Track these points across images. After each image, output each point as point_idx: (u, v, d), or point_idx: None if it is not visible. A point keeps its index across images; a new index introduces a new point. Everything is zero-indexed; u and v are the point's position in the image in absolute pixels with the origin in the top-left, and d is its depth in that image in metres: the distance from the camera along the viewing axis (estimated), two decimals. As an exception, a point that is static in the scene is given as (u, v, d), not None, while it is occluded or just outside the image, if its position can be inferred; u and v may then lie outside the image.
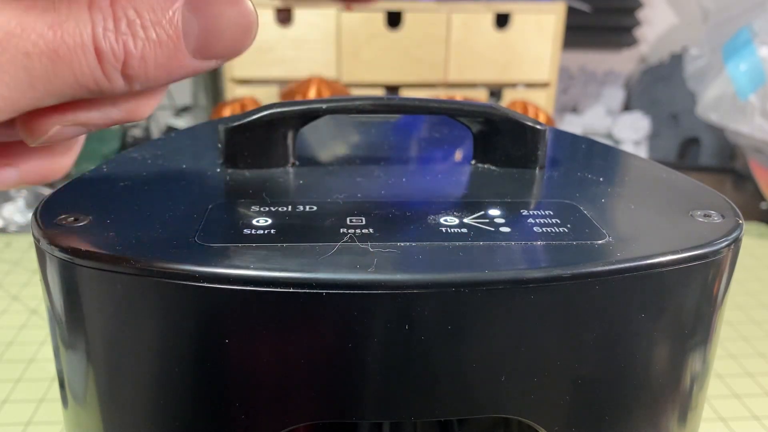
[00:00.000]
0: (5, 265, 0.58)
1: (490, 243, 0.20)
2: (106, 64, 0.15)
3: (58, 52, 0.15)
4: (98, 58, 0.15)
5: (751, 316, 0.52)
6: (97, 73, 0.15)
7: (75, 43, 0.15)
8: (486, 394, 0.19)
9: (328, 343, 0.18)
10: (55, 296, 0.20)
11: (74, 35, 0.15)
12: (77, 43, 0.15)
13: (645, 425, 0.21)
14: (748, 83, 0.71)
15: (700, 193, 0.25)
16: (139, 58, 0.16)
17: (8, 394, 0.41)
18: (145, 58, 0.16)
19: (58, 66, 0.15)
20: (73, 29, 0.15)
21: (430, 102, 0.27)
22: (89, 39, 0.15)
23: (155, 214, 0.21)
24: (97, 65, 0.15)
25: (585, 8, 1.01)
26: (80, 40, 0.15)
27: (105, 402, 0.20)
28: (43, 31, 0.15)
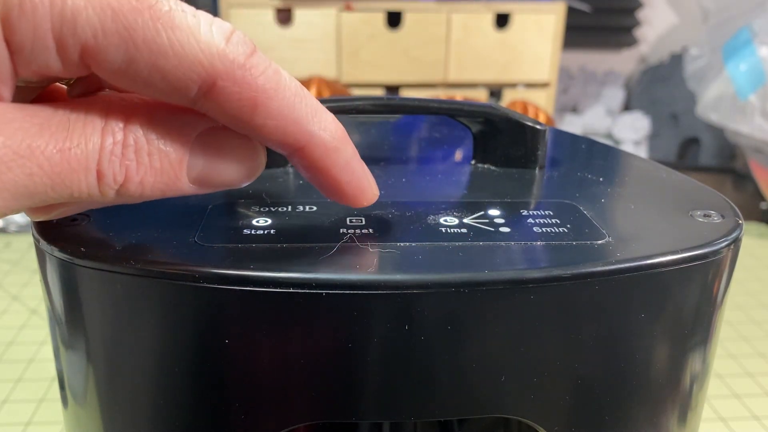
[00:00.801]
0: (5, 265, 0.58)
1: (489, 243, 0.20)
2: (104, 187, 0.15)
3: (60, 174, 0.15)
4: (98, 180, 0.15)
5: (751, 316, 0.52)
6: (93, 192, 0.15)
7: (80, 166, 0.15)
8: (486, 394, 0.19)
9: (328, 344, 0.18)
10: (55, 296, 0.20)
11: (80, 159, 0.15)
12: (81, 166, 0.15)
13: (645, 425, 0.21)
14: (748, 83, 0.71)
15: (700, 193, 0.25)
16: (137, 183, 0.16)
17: (8, 394, 0.41)
18: (143, 183, 0.16)
19: (58, 184, 0.15)
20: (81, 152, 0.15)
21: (430, 102, 0.27)
22: (94, 162, 0.15)
23: (155, 214, 0.21)
24: (95, 185, 0.15)
25: (585, 8, 1.01)
26: (85, 163, 0.15)
27: (105, 402, 0.20)
28: (51, 155, 0.15)
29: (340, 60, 0.86)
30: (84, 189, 0.15)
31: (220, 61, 0.15)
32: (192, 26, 0.15)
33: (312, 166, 0.18)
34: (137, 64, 0.15)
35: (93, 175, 0.15)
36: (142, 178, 0.16)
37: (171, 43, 0.15)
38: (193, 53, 0.15)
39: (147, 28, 0.14)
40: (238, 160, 0.17)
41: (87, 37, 0.14)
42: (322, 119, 0.17)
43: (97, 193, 0.16)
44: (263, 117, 0.16)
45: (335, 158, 0.18)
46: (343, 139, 0.18)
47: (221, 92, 0.15)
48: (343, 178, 0.18)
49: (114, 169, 0.15)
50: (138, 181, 0.16)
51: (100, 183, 0.15)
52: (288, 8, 0.84)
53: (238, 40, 0.15)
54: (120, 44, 0.14)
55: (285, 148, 0.17)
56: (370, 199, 0.19)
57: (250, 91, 0.16)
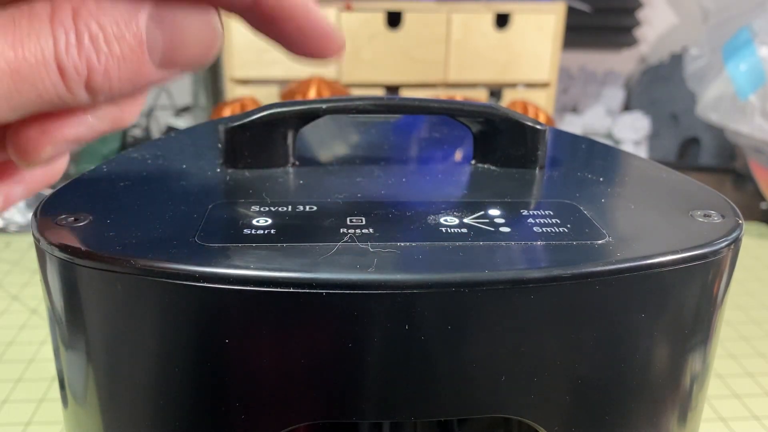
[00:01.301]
0: (5, 265, 0.58)
1: (490, 243, 0.20)
2: (69, 81, 0.15)
3: (20, 71, 0.15)
4: (61, 75, 0.15)
5: (751, 316, 0.52)
6: (60, 89, 0.15)
7: (37, 61, 0.15)
8: (486, 394, 0.19)
9: (328, 343, 0.18)
10: (55, 296, 0.20)
11: (36, 53, 0.15)
12: (39, 61, 0.15)
13: (645, 425, 0.21)
14: (748, 83, 0.71)
15: (700, 193, 0.25)
16: (102, 73, 0.16)
17: (8, 394, 0.41)
18: (108, 72, 0.16)
19: (21, 84, 0.15)
20: (35, 47, 0.15)
21: (430, 102, 0.27)
22: (51, 56, 0.15)
23: (155, 214, 0.21)
24: (60, 81, 0.15)
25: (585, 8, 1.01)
26: (42, 57, 0.15)
27: (105, 402, 0.20)
28: (4, 51, 0.14)
29: (340, 60, 0.86)
30: (50, 87, 0.15)
31: None
32: None
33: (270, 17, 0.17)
34: None
35: (54, 70, 0.15)
36: (105, 67, 0.16)
37: None
38: None
39: None
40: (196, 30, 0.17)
41: None
42: None
43: (64, 90, 0.15)
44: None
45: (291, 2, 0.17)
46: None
47: None
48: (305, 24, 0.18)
49: (73, 59, 0.15)
50: (102, 70, 0.16)
51: (64, 78, 0.15)
52: (288, 8, 0.84)
53: None
54: None
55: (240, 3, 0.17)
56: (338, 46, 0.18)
57: None
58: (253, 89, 0.85)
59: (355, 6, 0.84)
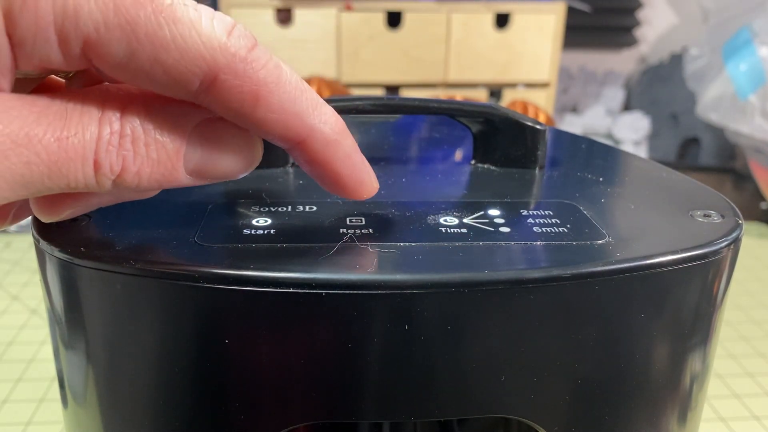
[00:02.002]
0: (5, 265, 0.58)
1: (489, 243, 0.20)
2: (100, 176, 0.15)
3: (58, 163, 0.15)
4: (95, 169, 0.15)
5: (751, 316, 0.52)
6: (90, 181, 0.15)
7: (77, 155, 0.15)
8: (486, 394, 0.19)
9: (328, 344, 0.18)
10: (55, 296, 0.20)
11: (77, 148, 0.15)
12: (78, 156, 0.15)
13: (645, 425, 0.21)
14: (748, 83, 0.71)
15: (700, 193, 0.25)
16: (134, 173, 0.16)
17: (8, 394, 0.41)
18: (140, 173, 0.16)
19: (54, 173, 0.15)
20: (79, 142, 0.15)
21: (430, 102, 0.27)
22: (91, 152, 0.15)
23: (155, 214, 0.21)
24: (92, 175, 0.15)
25: (585, 8, 1.01)
26: (82, 152, 0.15)
27: (105, 402, 0.20)
28: (48, 143, 0.14)
29: (340, 60, 0.86)
30: (81, 179, 0.15)
31: (222, 55, 0.15)
32: (194, 20, 0.15)
33: (312, 160, 0.18)
34: (139, 57, 0.15)
35: (90, 164, 0.15)
36: (139, 169, 0.16)
37: (173, 37, 0.15)
38: (195, 47, 0.15)
39: (149, 22, 0.14)
40: (236, 152, 0.17)
41: (89, 31, 0.14)
42: (323, 112, 0.17)
43: (94, 183, 0.15)
44: (264, 111, 0.16)
45: (335, 151, 0.18)
46: (343, 132, 0.18)
47: (223, 86, 0.15)
48: (343, 171, 0.18)
49: (111, 159, 0.15)
50: (135, 171, 0.16)
51: (96, 173, 0.15)
52: (288, 8, 0.84)
53: (240, 34, 0.15)
54: (122, 38, 0.14)
55: (286, 141, 0.17)
56: (370, 191, 0.19)
57: (251, 85, 0.16)
58: (253, 89, 0.85)
59: (355, 6, 0.84)
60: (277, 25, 0.84)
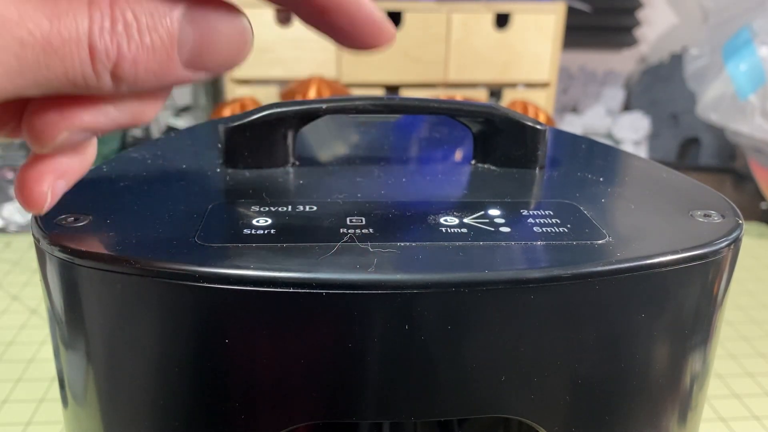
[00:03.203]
0: (5, 265, 0.58)
1: (490, 243, 0.20)
2: (97, 63, 0.15)
3: (52, 43, 0.15)
4: (91, 56, 0.15)
5: (751, 316, 0.52)
6: (87, 70, 0.15)
7: (70, 37, 0.15)
8: (486, 394, 0.19)
9: (328, 343, 0.18)
10: (55, 296, 0.20)
11: (70, 29, 0.15)
12: (72, 38, 0.15)
13: (645, 425, 0.21)
14: (748, 83, 0.71)
15: (700, 193, 0.25)
16: (130, 61, 0.16)
17: (8, 394, 0.41)
18: (136, 61, 0.16)
19: (50, 57, 0.15)
20: (71, 23, 0.15)
21: (430, 102, 0.27)
22: (85, 35, 0.15)
23: (155, 214, 0.21)
24: (88, 62, 0.15)
25: (585, 8, 1.01)
26: (76, 34, 0.15)
27: (105, 402, 0.20)
28: (40, 21, 0.14)
29: (340, 60, 0.86)
30: (77, 66, 0.15)
31: None
32: None
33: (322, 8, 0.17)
34: None
35: (85, 49, 0.15)
36: (134, 56, 0.16)
37: None
38: None
39: None
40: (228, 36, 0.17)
41: None
42: None
43: (91, 73, 0.15)
44: None
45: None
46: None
47: None
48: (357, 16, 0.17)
49: (105, 43, 0.15)
50: (131, 58, 0.16)
51: (93, 60, 0.15)
52: (288, 8, 0.84)
53: None
54: None
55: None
56: (389, 36, 0.18)
57: None
58: (253, 89, 0.85)
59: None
60: (277, 25, 0.84)
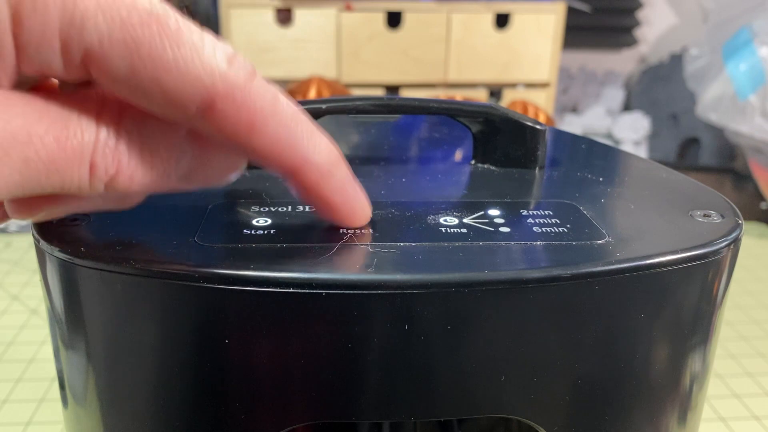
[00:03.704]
0: (5, 265, 0.58)
1: (489, 243, 0.20)
2: (95, 177, 0.16)
3: (56, 162, 0.15)
4: (90, 171, 0.15)
5: (751, 316, 0.52)
6: (83, 183, 0.15)
7: (75, 155, 0.15)
8: (486, 394, 0.19)
9: (328, 343, 0.18)
10: (55, 296, 0.20)
11: (75, 147, 0.15)
12: (76, 155, 0.15)
13: (645, 425, 0.21)
14: (748, 83, 0.71)
15: (700, 193, 0.25)
16: (127, 177, 0.16)
17: (8, 394, 0.41)
18: (133, 177, 0.16)
19: (51, 173, 0.15)
20: (77, 143, 0.15)
21: (430, 102, 0.27)
22: (89, 153, 0.15)
23: (155, 214, 0.21)
24: (87, 176, 0.15)
25: (585, 8, 1.01)
26: (80, 153, 0.15)
27: (105, 402, 0.20)
28: (48, 142, 0.15)
29: (340, 60, 0.86)
30: (75, 180, 0.15)
31: (221, 82, 0.15)
32: (197, 45, 0.15)
33: (306, 189, 0.18)
34: (139, 75, 0.15)
35: (86, 166, 0.15)
36: (132, 172, 0.16)
37: (175, 59, 0.15)
38: (195, 71, 0.15)
39: (153, 42, 0.15)
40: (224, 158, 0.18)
41: (92, 42, 0.14)
42: (317, 143, 0.18)
43: (87, 185, 0.16)
44: (259, 139, 0.16)
45: (328, 182, 0.18)
46: (336, 162, 0.18)
47: (219, 112, 0.16)
48: (336, 200, 0.19)
49: (107, 161, 0.15)
50: (128, 174, 0.16)
51: (91, 175, 0.15)
52: (288, 8, 0.84)
53: (240, 64, 0.16)
54: (125, 54, 0.15)
55: (280, 170, 0.18)
56: (362, 220, 0.20)
57: (248, 113, 0.16)
58: (253, 89, 0.85)
59: (355, 6, 0.84)
60: (277, 25, 0.84)
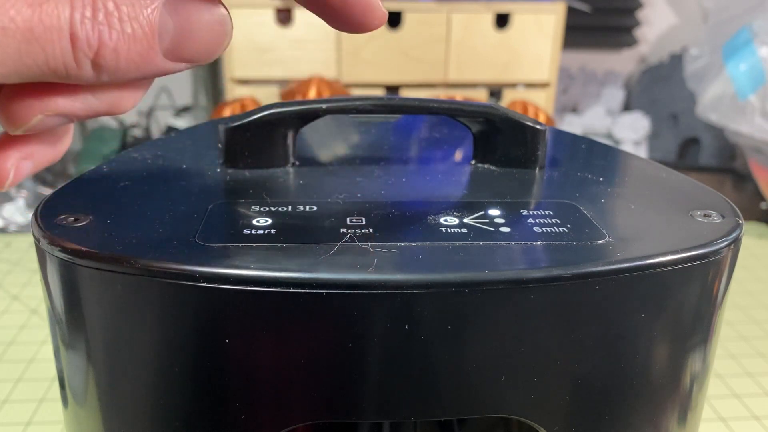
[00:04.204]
0: (5, 265, 0.58)
1: (490, 243, 0.20)
2: (78, 51, 0.15)
3: (33, 31, 0.15)
4: (72, 44, 0.15)
5: (751, 316, 0.52)
6: (68, 59, 0.15)
7: (52, 24, 0.15)
8: (486, 394, 0.19)
9: (328, 343, 0.18)
10: (55, 296, 0.20)
11: (52, 17, 0.15)
12: (54, 26, 0.15)
13: (645, 425, 0.21)
14: (748, 83, 0.71)
15: (700, 193, 0.25)
16: (111, 50, 0.16)
17: (8, 394, 0.41)
18: (117, 50, 0.16)
19: (32, 45, 0.15)
20: (52, 11, 0.15)
21: (430, 102, 0.27)
22: (66, 23, 0.15)
23: (155, 214, 0.21)
24: (69, 50, 0.15)
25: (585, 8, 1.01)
26: (57, 22, 0.15)
27: (105, 402, 0.20)
28: (21, 8, 0.14)
29: (340, 60, 0.86)
30: (58, 54, 0.15)
31: None
32: None
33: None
34: None
35: (66, 37, 0.15)
36: (116, 44, 0.16)
37: None
38: None
39: None
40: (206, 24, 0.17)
41: None
42: None
43: (72, 61, 0.15)
44: None
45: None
46: None
47: None
48: None
49: (87, 31, 0.15)
50: (112, 47, 0.16)
51: (74, 48, 0.15)
52: (288, 8, 0.84)
53: None
54: None
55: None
56: (380, 19, 0.18)
57: None
58: (253, 89, 0.85)
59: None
60: (277, 25, 0.84)
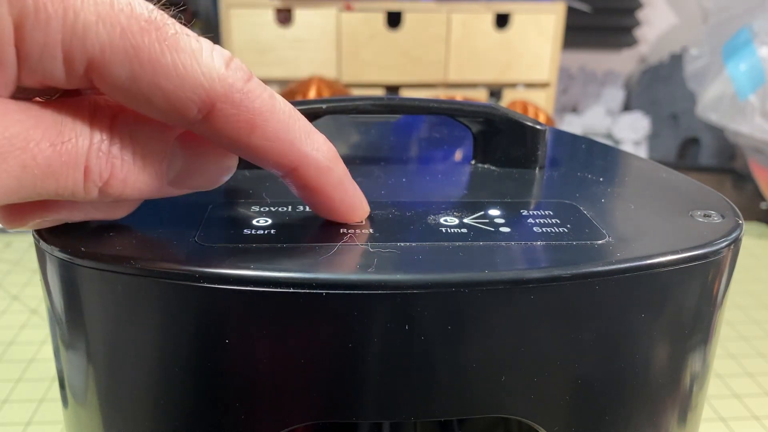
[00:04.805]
0: (5, 265, 0.58)
1: (490, 243, 0.20)
2: (89, 183, 0.16)
3: (51, 167, 0.15)
4: (84, 176, 0.16)
5: (751, 316, 0.52)
6: (77, 188, 0.16)
7: (69, 160, 0.15)
8: (486, 394, 0.19)
9: (328, 344, 0.18)
10: (55, 296, 0.20)
11: (71, 154, 0.15)
12: (71, 161, 0.15)
13: (645, 425, 0.21)
14: (748, 83, 0.71)
15: (700, 193, 0.25)
16: (120, 180, 0.16)
17: (8, 394, 0.41)
18: (126, 181, 0.16)
19: (47, 178, 0.15)
20: (72, 148, 0.15)
21: (430, 102, 0.27)
22: (83, 157, 0.16)
23: (155, 214, 0.21)
24: (81, 181, 0.16)
25: (585, 8, 1.01)
26: (75, 157, 0.15)
27: (105, 402, 0.20)
28: (44, 148, 0.15)
29: (340, 60, 0.86)
30: (70, 185, 0.16)
31: (220, 85, 0.16)
32: (195, 50, 0.15)
33: (305, 186, 0.19)
34: (140, 81, 0.15)
35: (81, 170, 0.16)
36: (125, 176, 0.16)
37: (174, 64, 0.15)
38: (194, 75, 0.15)
39: (153, 48, 0.15)
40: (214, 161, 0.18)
41: (95, 52, 0.15)
42: (315, 140, 0.18)
43: (81, 190, 0.16)
44: (260, 138, 0.17)
45: (328, 178, 0.19)
46: (334, 159, 0.19)
47: (220, 114, 0.16)
48: (335, 197, 0.19)
49: (101, 165, 0.16)
50: (121, 178, 0.16)
51: (86, 179, 0.16)
52: (288, 8, 0.84)
53: (237, 66, 0.16)
54: (125, 61, 0.15)
55: (280, 168, 0.18)
56: (361, 215, 0.20)
57: (247, 114, 0.16)
58: (253, 89, 0.85)
59: (355, 6, 0.84)
60: (277, 25, 0.84)
